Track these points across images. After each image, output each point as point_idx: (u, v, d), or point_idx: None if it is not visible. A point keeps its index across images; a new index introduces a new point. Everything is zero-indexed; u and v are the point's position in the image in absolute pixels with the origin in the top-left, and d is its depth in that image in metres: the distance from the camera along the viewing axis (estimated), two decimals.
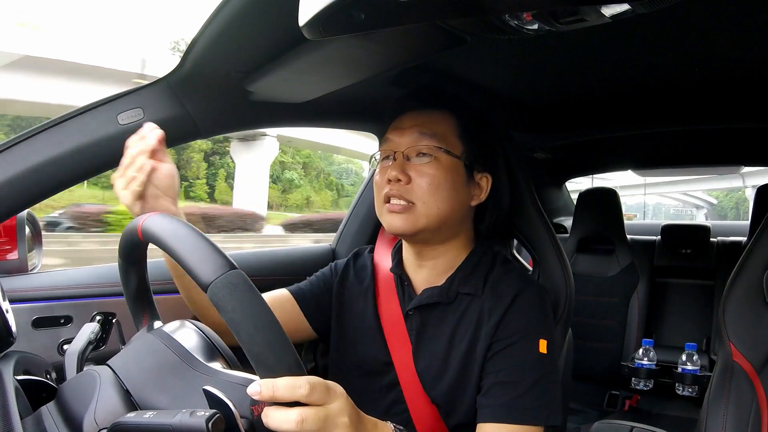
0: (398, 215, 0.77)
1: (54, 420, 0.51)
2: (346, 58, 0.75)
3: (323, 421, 0.47)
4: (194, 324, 0.63)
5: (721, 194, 28.63)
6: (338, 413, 0.49)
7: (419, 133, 0.79)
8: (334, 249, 1.47)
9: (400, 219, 0.77)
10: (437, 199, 0.77)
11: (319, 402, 0.47)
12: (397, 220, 0.77)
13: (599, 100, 1.31)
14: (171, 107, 0.82)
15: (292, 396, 0.45)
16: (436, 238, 0.81)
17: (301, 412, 0.46)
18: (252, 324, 0.45)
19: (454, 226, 0.81)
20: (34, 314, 0.99)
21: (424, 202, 0.76)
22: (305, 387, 0.45)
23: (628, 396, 1.91)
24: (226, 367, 0.57)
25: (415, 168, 0.78)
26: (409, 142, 0.79)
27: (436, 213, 0.77)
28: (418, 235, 0.79)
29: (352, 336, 0.88)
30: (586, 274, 2.07)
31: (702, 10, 0.74)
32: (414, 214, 0.77)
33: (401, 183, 0.77)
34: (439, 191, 0.77)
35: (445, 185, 0.77)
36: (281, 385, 0.45)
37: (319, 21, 0.52)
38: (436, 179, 0.77)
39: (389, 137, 0.81)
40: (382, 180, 0.80)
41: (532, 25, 0.59)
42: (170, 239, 0.50)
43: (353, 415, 0.51)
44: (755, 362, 0.78)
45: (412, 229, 0.77)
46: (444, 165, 0.78)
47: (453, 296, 0.81)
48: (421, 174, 0.77)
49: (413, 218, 0.77)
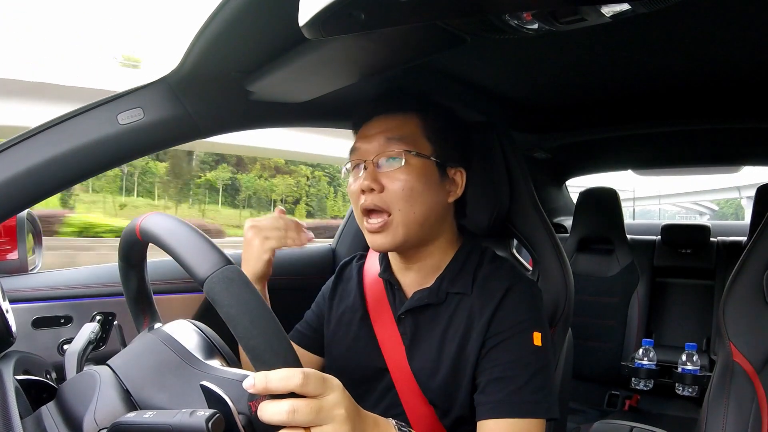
0: (378, 234, 0.77)
1: (54, 420, 0.51)
2: (346, 58, 0.75)
3: (317, 412, 0.46)
4: (193, 323, 0.63)
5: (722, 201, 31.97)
6: (333, 405, 0.47)
7: (386, 139, 0.78)
8: (334, 249, 1.47)
9: (380, 237, 0.77)
10: (413, 204, 0.76)
11: (314, 393, 0.46)
12: (378, 238, 0.78)
13: (599, 100, 1.31)
14: (171, 107, 0.82)
15: (286, 387, 0.44)
16: (420, 242, 0.81)
17: (293, 402, 0.44)
18: (248, 318, 0.45)
19: (434, 226, 0.81)
20: (34, 314, 0.99)
21: (400, 209, 0.76)
22: (298, 377, 0.44)
23: (628, 396, 1.91)
24: (225, 365, 0.57)
25: (386, 175, 0.77)
26: (376, 149, 0.78)
27: (414, 218, 0.77)
28: (403, 247, 0.80)
29: (346, 345, 0.88)
30: (586, 274, 2.07)
31: (702, 10, 0.75)
32: (392, 228, 0.76)
33: (375, 192, 0.76)
34: (413, 195, 0.76)
35: (419, 188, 0.76)
36: (274, 377, 0.44)
37: (319, 21, 0.51)
38: (409, 183, 0.76)
39: (357, 146, 0.81)
40: (356, 189, 0.78)
41: (532, 25, 0.59)
42: (167, 237, 0.50)
43: (351, 408, 0.50)
44: (755, 362, 0.78)
45: (394, 243, 0.77)
46: (415, 168, 0.77)
47: (443, 296, 0.80)
48: (393, 180, 0.76)
49: (392, 233, 0.77)
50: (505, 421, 0.70)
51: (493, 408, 0.71)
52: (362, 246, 1.41)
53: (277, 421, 0.44)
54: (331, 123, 1.19)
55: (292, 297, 1.32)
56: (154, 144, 0.83)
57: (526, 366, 0.72)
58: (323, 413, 0.46)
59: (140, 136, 0.80)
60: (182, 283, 1.16)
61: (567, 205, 2.55)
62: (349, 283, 0.93)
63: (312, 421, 0.45)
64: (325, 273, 1.41)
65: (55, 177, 0.76)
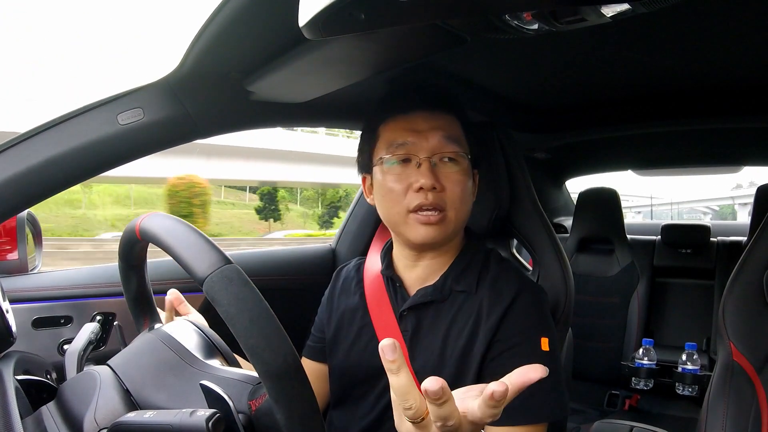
0: (433, 227, 0.75)
1: (54, 420, 0.51)
2: (346, 58, 0.75)
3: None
4: (193, 323, 0.63)
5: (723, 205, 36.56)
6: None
7: (443, 137, 0.76)
8: (334, 249, 1.47)
9: (434, 230, 0.75)
10: (465, 206, 0.78)
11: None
12: (431, 231, 0.75)
13: (599, 100, 1.31)
14: (171, 107, 0.82)
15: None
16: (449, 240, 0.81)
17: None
18: (247, 316, 0.45)
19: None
20: (34, 314, 0.99)
21: (456, 209, 0.76)
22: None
23: (628, 396, 1.91)
24: (225, 364, 0.57)
25: (445, 175, 0.76)
26: (434, 147, 0.76)
27: (463, 219, 0.79)
28: (446, 241, 0.79)
29: (347, 345, 0.88)
30: (586, 274, 2.07)
31: (702, 11, 0.75)
32: (446, 224, 0.76)
33: (436, 191, 0.74)
34: (465, 197, 0.78)
35: (468, 190, 0.79)
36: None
37: (319, 21, 0.51)
38: (464, 185, 0.77)
39: (408, 140, 0.77)
40: (402, 186, 0.76)
41: (532, 25, 0.59)
42: (166, 236, 0.50)
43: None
44: (755, 362, 0.78)
45: (444, 238, 0.77)
46: (466, 170, 0.78)
47: (447, 294, 0.81)
48: (452, 181, 0.76)
49: (445, 228, 0.76)
50: (517, 429, 0.70)
51: (506, 415, 0.71)
52: (362, 246, 1.41)
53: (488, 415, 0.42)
54: (331, 123, 1.19)
55: (292, 297, 1.32)
56: (154, 144, 0.83)
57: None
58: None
59: (140, 136, 0.80)
60: (182, 283, 1.16)
61: (567, 205, 2.55)
62: (348, 284, 0.93)
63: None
64: (325, 273, 1.41)
65: (55, 177, 0.75)
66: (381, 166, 0.80)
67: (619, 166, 2.37)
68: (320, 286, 1.00)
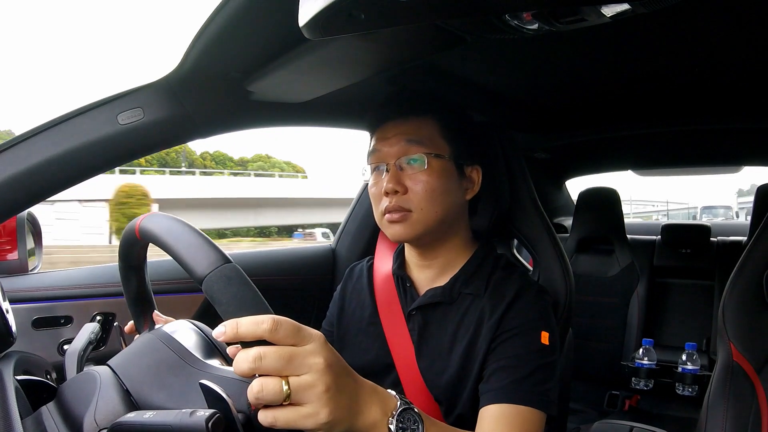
0: (397, 224, 0.80)
1: (54, 420, 0.51)
2: (346, 58, 0.75)
3: (287, 359, 0.43)
4: (193, 323, 0.63)
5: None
6: (309, 354, 0.44)
7: (406, 141, 0.80)
8: (334, 249, 1.47)
9: (399, 227, 0.80)
10: (434, 204, 0.79)
11: (286, 341, 0.44)
12: (397, 228, 0.80)
13: (599, 100, 1.31)
14: (171, 107, 0.82)
15: (255, 332, 0.43)
16: (437, 238, 0.83)
17: (260, 348, 0.43)
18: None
19: (452, 223, 0.84)
20: (34, 314, 0.99)
21: (422, 209, 0.79)
22: (268, 322, 0.42)
23: (628, 396, 1.90)
24: (225, 364, 0.57)
25: (409, 177, 0.79)
26: (397, 152, 0.80)
27: (434, 217, 0.79)
28: (419, 240, 0.82)
29: (355, 342, 0.90)
30: (586, 274, 2.07)
31: (702, 10, 0.75)
32: (411, 222, 0.79)
33: (398, 194, 0.78)
34: (434, 195, 0.79)
35: (439, 189, 0.79)
36: (244, 322, 0.43)
37: (319, 21, 0.52)
38: (430, 185, 0.78)
39: (377, 148, 0.83)
40: (378, 191, 0.81)
41: (532, 25, 0.59)
42: (166, 235, 0.50)
43: (333, 360, 0.46)
44: (755, 362, 0.78)
45: (412, 235, 0.80)
46: (435, 169, 0.79)
47: (456, 296, 0.83)
48: (415, 182, 0.79)
49: (411, 225, 0.79)
50: (506, 406, 0.70)
51: (495, 394, 0.72)
52: (362, 246, 1.41)
53: (246, 370, 0.42)
54: (331, 123, 1.20)
55: (292, 297, 1.32)
56: (154, 144, 0.83)
57: (531, 360, 0.74)
58: (296, 361, 0.44)
59: (140, 136, 0.80)
60: (182, 283, 1.16)
61: (567, 205, 2.55)
62: (358, 282, 0.96)
63: (283, 368, 0.43)
64: (325, 273, 1.42)
65: (55, 177, 0.76)
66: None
67: (619, 166, 2.37)
68: (320, 286, 1.01)
